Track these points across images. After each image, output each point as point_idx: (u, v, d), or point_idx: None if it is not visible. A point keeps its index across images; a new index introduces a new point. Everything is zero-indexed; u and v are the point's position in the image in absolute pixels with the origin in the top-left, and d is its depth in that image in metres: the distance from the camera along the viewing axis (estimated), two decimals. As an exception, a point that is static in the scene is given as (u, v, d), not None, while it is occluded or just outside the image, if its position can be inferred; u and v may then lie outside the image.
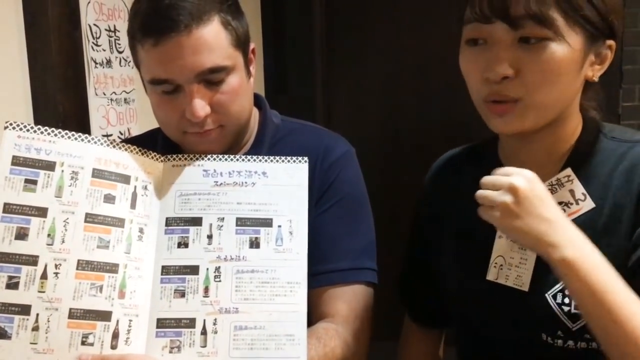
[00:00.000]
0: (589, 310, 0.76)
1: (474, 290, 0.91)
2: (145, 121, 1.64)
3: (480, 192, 0.80)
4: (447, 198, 1.01)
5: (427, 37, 2.41)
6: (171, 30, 0.91)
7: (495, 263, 0.92)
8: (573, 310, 0.84)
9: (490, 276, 0.91)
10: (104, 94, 1.55)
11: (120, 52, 1.61)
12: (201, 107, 0.94)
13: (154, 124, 1.15)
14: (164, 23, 0.92)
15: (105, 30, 1.57)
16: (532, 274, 0.88)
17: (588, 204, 0.86)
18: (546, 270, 0.83)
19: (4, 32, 1.28)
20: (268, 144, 1.07)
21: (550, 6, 0.78)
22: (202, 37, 0.93)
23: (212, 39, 0.94)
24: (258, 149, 1.06)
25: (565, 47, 0.79)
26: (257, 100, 1.12)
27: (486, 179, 0.81)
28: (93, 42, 1.52)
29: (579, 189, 0.86)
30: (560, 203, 0.86)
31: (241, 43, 1.00)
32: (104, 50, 1.56)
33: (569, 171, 0.87)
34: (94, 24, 1.53)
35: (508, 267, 0.90)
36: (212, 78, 0.95)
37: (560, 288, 0.86)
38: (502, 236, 0.91)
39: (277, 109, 1.14)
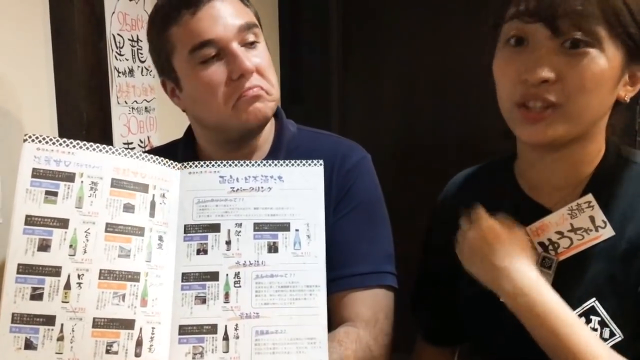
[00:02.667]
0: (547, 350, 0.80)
1: (488, 310, 0.89)
2: (164, 130, 1.66)
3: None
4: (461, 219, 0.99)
5: (444, 48, 2.38)
6: None
7: None
8: None
9: None
10: (126, 103, 1.57)
11: (142, 62, 1.63)
12: (248, 59, 0.99)
13: (173, 133, 1.17)
14: None
15: (129, 40, 1.59)
16: None
17: (607, 232, 0.84)
18: (560, 292, 0.82)
19: (31, 42, 1.32)
20: (285, 152, 1.07)
21: (596, 17, 0.76)
22: (233, 1, 1.02)
23: (240, 5, 1.04)
24: (275, 156, 1.06)
25: (605, 59, 0.78)
26: None
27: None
28: (116, 52, 1.55)
29: (600, 216, 0.84)
30: (579, 229, 0.85)
31: (260, 24, 1.07)
32: (127, 60, 1.58)
33: (590, 197, 0.85)
34: (118, 34, 1.55)
35: None
36: (248, 37, 1.00)
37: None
38: None
39: (293, 119, 1.15)
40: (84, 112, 1.41)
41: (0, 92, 1.22)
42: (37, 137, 0.91)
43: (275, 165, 0.98)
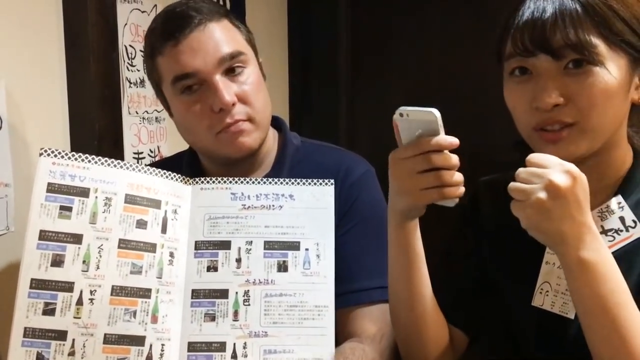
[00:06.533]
0: (592, 318, 0.76)
1: (519, 315, 0.89)
2: (174, 140, 1.67)
3: (513, 185, 0.76)
4: (493, 222, 0.99)
5: (453, 59, 2.38)
6: (187, 27, 0.99)
7: (541, 289, 0.91)
8: None
9: (536, 302, 0.90)
10: (137, 113, 1.58)
11: (153, 72, 1.64)
12: (228, 92, 0.99)
13: (183, 143, 1.17)
14: (180, 23, 1.00)
15: (140, 51, 1.60)
16: None
17: (638, 231, 0.85)
18: None
19: (45, 53, 1.33)
20: (289, 165, 1.08)
21: (590, 34, 0.79)
22: (216, 30, 1.01)
23: (226, 31, 1.02)
24: (279, 170, 1.07)
25: (609, 73, 0.80)
26: (277, 122, 1.14)
27: (523, 171, 0.77)
28: (128, 63, 1.56)
29: (630, 216, 0.85)
30: (610, 230, 0.86)
31: (252, 44, 1.07)
32: (138, 71, 1.59)
33: (619, 198, 0.86)
34: (130, 45, 1.56)
35: (554, 294, 0.89)
36: (232, 64, 1.01)
37: None
38: (548, 262, 0.90)
39: (301, 129, 1.16)
40: (96, 122, 1.42)
41: (14, 102, 1.23)
42: (52, 152, 0.92)
43: (287, 183, 0.99)
